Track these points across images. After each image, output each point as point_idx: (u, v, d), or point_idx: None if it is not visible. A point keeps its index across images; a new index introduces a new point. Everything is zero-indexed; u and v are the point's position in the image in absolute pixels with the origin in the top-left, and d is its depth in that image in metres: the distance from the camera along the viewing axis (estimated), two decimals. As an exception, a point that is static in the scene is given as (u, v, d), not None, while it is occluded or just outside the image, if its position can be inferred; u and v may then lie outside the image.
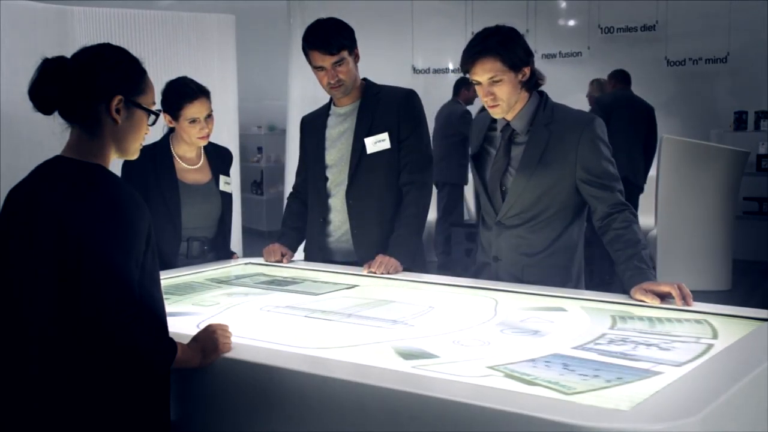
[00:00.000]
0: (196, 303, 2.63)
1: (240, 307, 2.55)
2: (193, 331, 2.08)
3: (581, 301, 2.49)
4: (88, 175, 1.82)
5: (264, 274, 3.12)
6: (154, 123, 1.96)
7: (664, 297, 2.39)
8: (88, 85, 1.82)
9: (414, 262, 3.10)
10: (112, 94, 1.83)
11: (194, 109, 3.16)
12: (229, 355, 1.93)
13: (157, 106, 1.99)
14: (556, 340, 2.04)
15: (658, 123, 7.08)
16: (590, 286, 2.88)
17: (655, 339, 2.02)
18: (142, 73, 1.92)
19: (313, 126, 3.30)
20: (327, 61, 3.04)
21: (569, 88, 7.51)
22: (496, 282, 2.72)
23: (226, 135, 7.95)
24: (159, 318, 1.88)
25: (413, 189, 3.14)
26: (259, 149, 10.61)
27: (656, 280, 2.46)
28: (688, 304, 2.34)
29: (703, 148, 6.90)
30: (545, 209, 2.69)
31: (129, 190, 1.83)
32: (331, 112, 3.27)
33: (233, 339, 2.00)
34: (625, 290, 2.51)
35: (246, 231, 7.74)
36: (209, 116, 3.20)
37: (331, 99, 3.28)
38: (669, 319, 2.23)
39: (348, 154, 3.16)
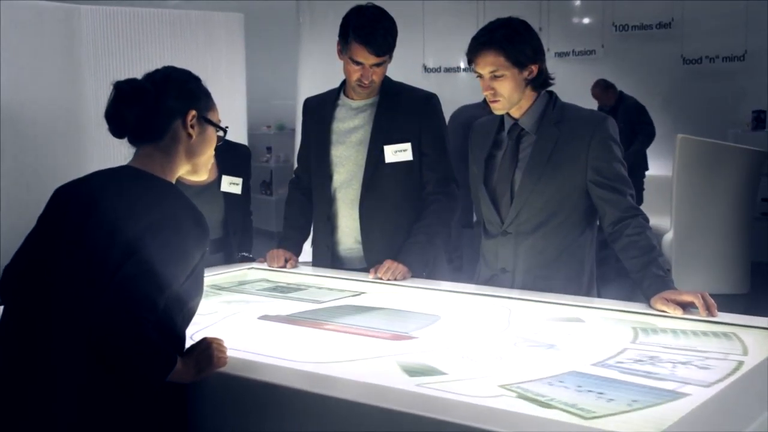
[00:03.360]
0: (192, 311, 2.50)
1: (238, 317, 2.42)
2: (187, 343, 1.97)
3: (600, 310, 2.36)
4: (158, 189, 1.84)
5: (267, 280, 3.01)
6: (222, 140, 2.02)
7: (686, 307, 2.26)
8: (166, 102, 1.88)
9: (428, 272, 2.96)
10: (188, 110, 1.89)
11: None
12: (224, 369, 1.81)
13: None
14: (573, 355, 1.91)
15: (674, 123, 6.94)
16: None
17: (680, 355, 1.88)
18: (207, 91, 1.99)
19: (319, 114, 3.14)
20: (370, 60, 2.89)
21: (583, 87, 7.37)
22: (511, 290, 2.59)
23: (235, 135, 7.86)
24: (172, 338, 1.79)
25: (437, 201, 3.00)
26: (269, 149, 10.49)
27: (676, 288, 2.32)
28: (712, 315, 2.21)
29: (720, 148, 6.74)
30: (555, 214, 2.56)
31: (197, 216, 1.83)
32: (340, 102, 3.11)
33: (229, 353, 1.88)
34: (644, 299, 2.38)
35: (255, 231, 7.63)
36: None
37: (341, 88, 3.13)
38: (694, 332, 2.10)
39: (361, 157, 3.01)
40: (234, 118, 7.87)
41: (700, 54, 8.20)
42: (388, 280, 2.81)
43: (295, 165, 3.35)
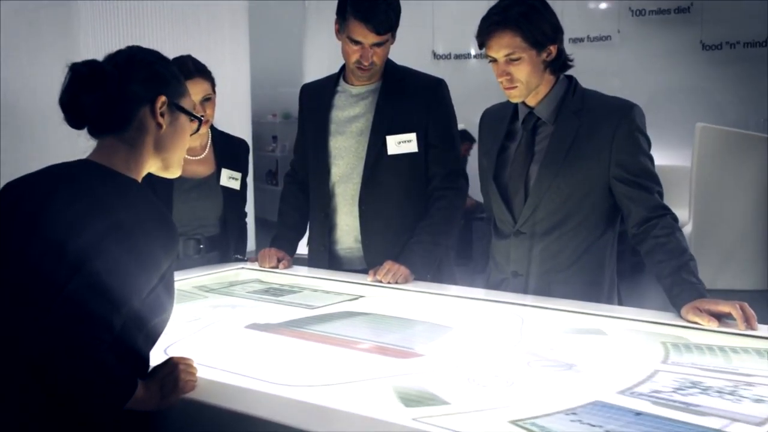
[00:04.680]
0: (173, 318, 2.25)
1: (222, 324, 2.19)
2: (160, 357, 1.74)
3: (623, 321, 2.11)
4: (121, 188, 1.60)
5: (260, 281, 2.78)
6: (197, 130, 1.77)
7: (721, 318, 2.01)
8: (131, 87, 1.65)
9: (433, 275, 2.72)
10: (156, 96, 1.66)
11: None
12: (193, 395, 1.58)
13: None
14: (595, 378, 1.66)
15: (693, 111, 6.69)
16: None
17: (722, 379, 1.63)
18: (178, 74, 1.74)
19: (317, 101, 2.90)
20: (369, 38, 2.64)
21: (598, 74, 7.08)
22: (523, 296, 2.35)
23: (239, 124, 7.69)
24: (132, 360, 1.56)
25: (444, 197, 2.75)
26: (274, 138, 10.27)
27: (709, 297, 2.07)
28: (752, 328, 1.96)
29: (741, 137, 6.49)
30: (573, 213, 2.31)
31: (165, 219, 1.60)
32: (340, 89, 2.87)
33: (201, 373, 1.64)
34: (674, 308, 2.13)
35: (260, 222, 7.44)
36: (208, 99, 2.84)
37: (340, 73, 2.89)
38: (733, 349, 1.84)
39: (362, 148, 2.77)
40: (238, 107, 7.70)
41: (721, 40, 7.91)
42: (388, 283, 2.57)
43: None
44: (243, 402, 1.53)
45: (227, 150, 3.03)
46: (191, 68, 2.81)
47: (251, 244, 6.29)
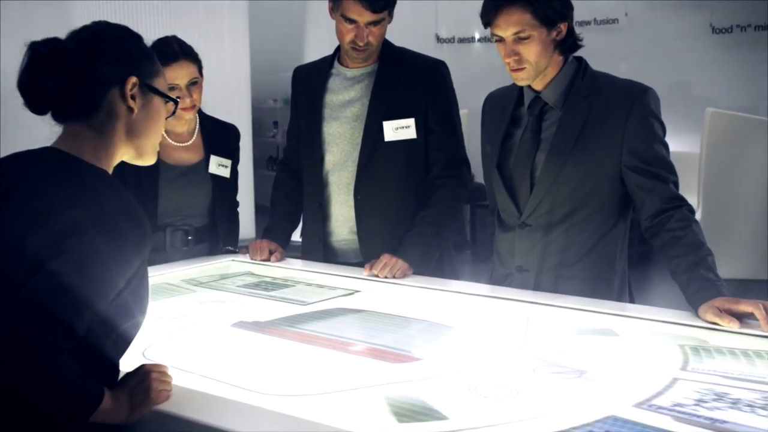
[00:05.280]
0: (156, 314, 2.13)
1: (208, 322, 2.05)
2: (137, 361, 1.62)
3: (636, 320, 1.97)
4: (88, 179, 1.45)
5: (252, 274, 2.64)
6: (173, 113, 1.63)
7: (742, 318, 1.86)
8: (98, 67, 1.49)
9: (435, 270, 2.58)
10: (126, 76, 1.51)
11: (173, 73, 2.64)
12: (166, 407, 1.43)
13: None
14: (609, 388, 1.51)
15: (703, 96, 6.53)
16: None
17: (747, 390, 1.48)
18: (151, 52, 1.59)
19: (310, 85, 2.75)
20: (364, 17, 2.48)
21: (605, 58, 6.89)
22: (529, 293, 2.20)
23: (238, 109, 7.55)
24: (99, 369, 1.41)
25: (445, 186, 2.61)
26: (275, 123, 10.12)
27: (729, 295, 1.92)
28: (776, 329, 1.81)
29: (752, 123, 6.32)
30: (582, 205, 2.17)
31: (136, 214, 1.46)
32: (334, 71, 2.71)
33: (177, 381, 1.51)
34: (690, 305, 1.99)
35: (260, 209, 7.31)
36: (195, 83, 2.69)
37: (335, 55, 2.74)
38: (758, 353, 1.70)
39: (357, 134, 2.62)
40: (237, 92, 7.55)
41: (731, 23, 7.76)
42: (385, 277, 2.43)
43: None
44: (219, 415, 1.38)
45: (216, 136, 2.88)
46: (176, 49, 2.66)
47: (251, 231, 6.18)
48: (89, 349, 1.36)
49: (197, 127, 2.84)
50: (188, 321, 2.07)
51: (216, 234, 2.87)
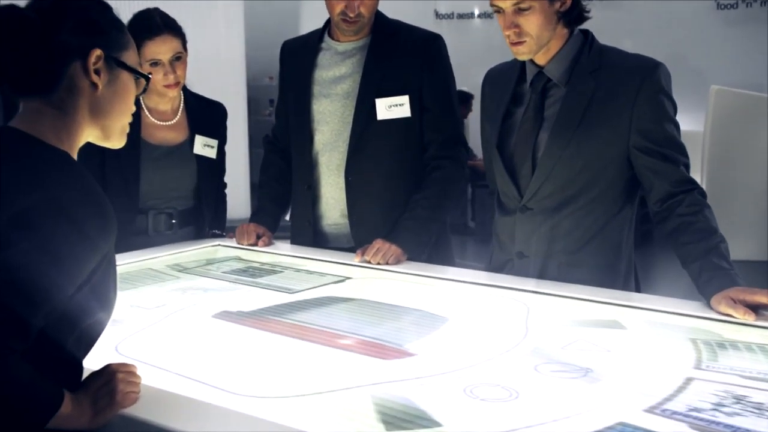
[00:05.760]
0: (135, 303, 2.02)
1: (189, 313, 1.93)
2: (108, 356, 1.51)
3: (644, 312, 1.84)
4: (47, 162, 1.31)
5: (239, 259, 2.53)
6: (144, 91, 1.49)
7: (758, 309, 1.74)
8: (58, 38, 1.35)
9: (431, 254, 2.45)
10: (89, 48, 1.36)
11: (155, 48, 2.51)
12: (132, 411, 1.31)
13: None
14: (616, 389, 1.39)
15: (707, 73, 6.40)
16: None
17: (769, 392, 1.36)
18: (120, 22, 1.45)
19: (299, 60, 2.61)
20: None
21: (608, 35, 6.72)
22: (530, 281, 2.08)
23: (233, 87, 7.40)
24: (59, 370, 1.29)
25: (441, 167, 2.48)
26: (271, 102, 9.94)
27: (743, 285, 1.80)
28: (795, 321, 1.69)
29: (758, 100, 6.14)
30: (587, 188, 2.04)
31: (98, 200, 1.31)
32: (324, 45, 2.58)
33: (148, 380, 1.38)
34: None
35: (256, 189, 7.18)
36: (179, 59, 2.55)
37: (325, 28, 2.60)
38: (777, 349, 1.58)
39: (348, 112, 2.49)
40: (232, 70, 7.39)
41: (736, -2, 7.63)
42: (378, 264, 2.30)
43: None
44: (188, 420, 1.26)
45: (202, 114, 2.75)
46: (158, 23, 2.52)
47: (247, 212, 6.04)
48: (48, 348, 1.24)
49: (182, 105, 2.71)
50: (168, 311, 1.95)
51: (202, 217, 2.75)
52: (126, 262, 2.40)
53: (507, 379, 1.44)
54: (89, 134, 1.43)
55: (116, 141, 1.48)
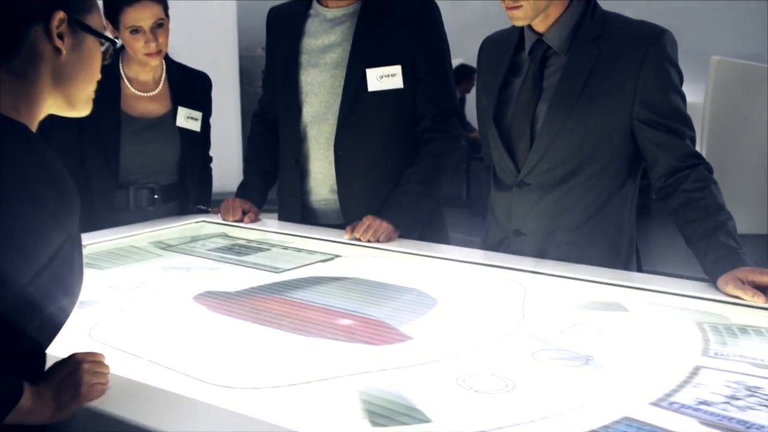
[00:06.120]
0: (113, 283, 1.92)
1: (169, 293, 1.84)
2: (81, 342, 1.45)
3: (647, 293, 1.75)
4: (2, 134, 1.21)
5: (225, 236, 2.44)
6: (109, 58, 1.37)
7: (767, 290, 1.65)
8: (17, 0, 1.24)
9: (423, 230, 2.35)
10: (51, 11, 1.26)
11: (135, 15, 2.39)
12: (99, 404, 1.21)
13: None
14: (620, 379, 1.30)
15: (707, 43, 6.29)
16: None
17: (785, 383, 1.27)
18: None
19: (286, 27, 2.50)
20: None
21: (607, 5, 6.64)
22: (527, 260, 1.98)
23: (225, 58, 7.26)
24: (20, 360, 1.20)
25: (435, 140, 2.37)
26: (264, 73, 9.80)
27: (751, 265, 1.71)
28: (808, 303, 1.60)
29: (759, 71, 6.11)
30: (588, 162, 1.94)
31: (59, 180, 1.22)
32: (312, 12, 2.46)
33: (117, 370, 1.29)
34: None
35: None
36: (161, 26, 2.43)
37: None
38: (789, 334, 1.49)
39: (338, 83, 2.38)
40: (223, 40, 7.25)
41: (737, -34, 7.48)
42: (368, 241, 2.21)
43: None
44: (161, 415, 1.17)
45: (185, 85, 2.63)
46: None
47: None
48: (6, 336, 1.14)
49: (164, 75, 2.60)
50: (147, 291, 1.86)
51: (186, 192, 2.64)
52: (106, 239, 2.32)
53: (502, 367, 1.34)
54: (52, 104, 1.33)
55: (81, 110, 1.37)
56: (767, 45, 7.21)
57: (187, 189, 2.64)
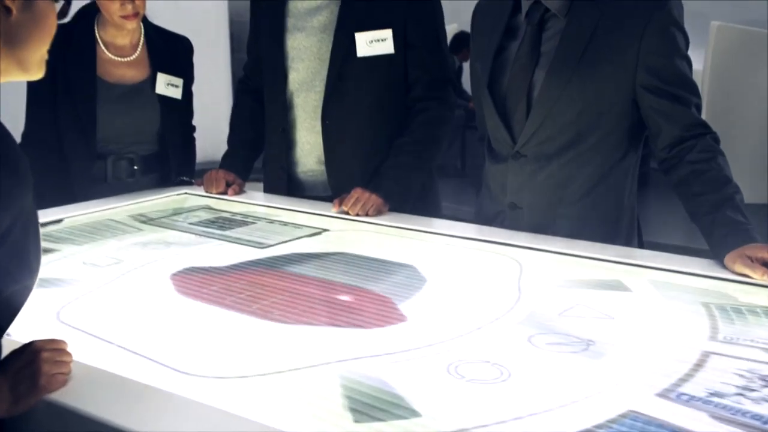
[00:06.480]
0: (88, 260, 1.83)
1: (147, 270, 1.75)
2: (49, 324, 1.38)
3: (650, 271, 1.66)
4: None
5: (209, 208, 2.35)
6: (65, 15, 1.27)
7: (776, 267, 1.56)
8: None
9: (415, 203, 2.26)
10: None
11: None
12: (59, 397, 1.11)
13: None
14: (623, 367, 1.20)
15: (707, 7, 6.14)
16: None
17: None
18: None
19: None
20: None
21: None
22: (523, 235, 1.89)
23: (215, 23, 7.11)
24: None
25: (428, 109, 2.28)
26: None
27: (760, 241, 1.61)
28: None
29: (760, 37, 5.99)
30: (588, 132, 1.85)
31: (8, 152, 1.11)
32: None
33: (82, 357, 1.19)
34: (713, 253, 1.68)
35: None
36: None
37: None
38: (802, 316, 1.40)
39: (326, 48, 2.27)
40: (213, 4, 7.09)
41: (737, -72, 7.31)
42: (357, 215, 2.11)
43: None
44: (126, 408, 1.07)
45: (165, 50, 2.52)
46: None
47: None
48: None
49: (142, 38, 2.48)
50: (124, 268, 1.76)
51: (167, 163, 2.54)
52: (83, 213, 2.23)
53: (497, 353, 1.25)
54: (3, 70, 1.22)
55: (34, 73, 1.26)
56: (767, 10, 7.09)
57: (168, 159, 2.53)
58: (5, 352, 1.15)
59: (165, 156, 2.53)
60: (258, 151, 2.54)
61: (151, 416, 1.06)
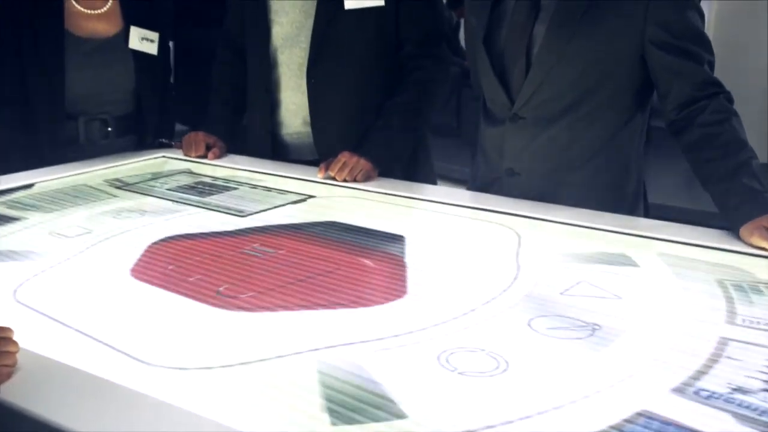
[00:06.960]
0: (56, 230, 1.71)
1: (117, 241, 1.63)
2: (4, 304, 1.28)
3: (659, 243, 1.54)
4: None
5: (190, 173, 2.24)
6: None
7: (796, 239, 1.45)
8: None
9: (407, 167, 2.13)
10: None
11: None
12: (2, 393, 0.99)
13: None
14: (633, 358, 1.08)
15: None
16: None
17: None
18: None
19: None
20: None
21: None
22: (521, 202, 1.77)
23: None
24: None
25: (420, 68, 2.16)
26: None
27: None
28: None
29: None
30: (592, 93, 1.73)
31: None
32: None
33: (31, 344, 1.08)
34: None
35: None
36: None
37: None
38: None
39: (311, 1, 2.14)
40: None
41: None
42: (344, 180, 1.99)
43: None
44: (78, 406, 0.95)
45: (139, 1, 2.35)
46: None
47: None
48: None
49: None
50: (93, 239, 1.65)
51: (144, 124, 2.41)
52: (54, 177, 2.11)
53: (493, 340, 1.13)
54: None
55: None
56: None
57: (144, 120, 2.40)
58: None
59: (141, 116, 2.39)
60: (240, 112, 2.42)
61: (95, 414, 0.94)
